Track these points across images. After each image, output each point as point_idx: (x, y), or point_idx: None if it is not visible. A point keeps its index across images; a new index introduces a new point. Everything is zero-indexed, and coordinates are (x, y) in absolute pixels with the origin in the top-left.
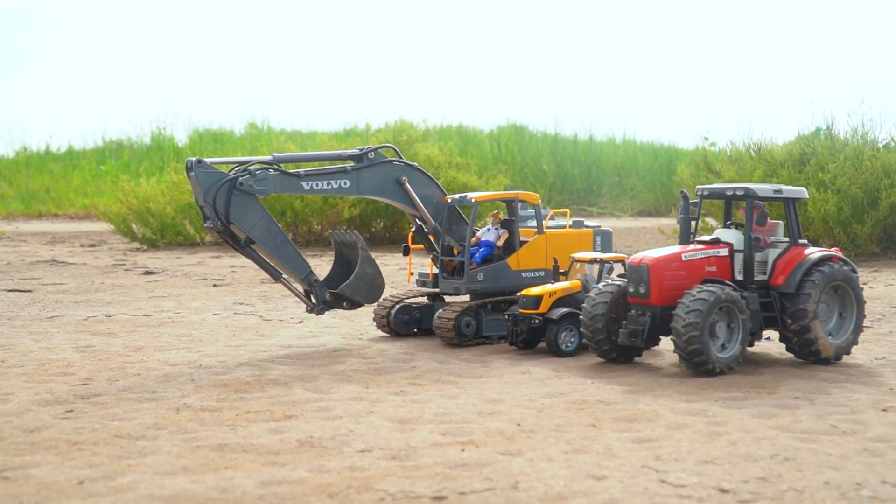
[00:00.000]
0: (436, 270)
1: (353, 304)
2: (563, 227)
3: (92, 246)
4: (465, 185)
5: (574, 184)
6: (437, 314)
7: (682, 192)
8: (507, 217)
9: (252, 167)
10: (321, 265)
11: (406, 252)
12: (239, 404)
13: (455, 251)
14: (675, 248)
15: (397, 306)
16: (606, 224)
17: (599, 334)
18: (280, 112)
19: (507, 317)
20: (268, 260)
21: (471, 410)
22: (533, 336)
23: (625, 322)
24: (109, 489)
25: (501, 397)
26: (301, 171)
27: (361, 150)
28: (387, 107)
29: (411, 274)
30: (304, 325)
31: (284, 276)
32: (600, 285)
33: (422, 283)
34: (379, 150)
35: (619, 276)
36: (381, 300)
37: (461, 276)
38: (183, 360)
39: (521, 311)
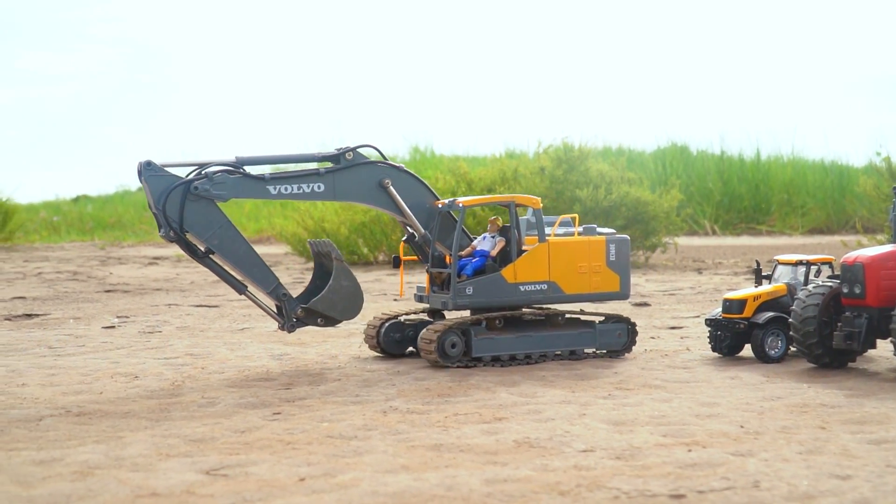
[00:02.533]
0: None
1: (329, 321)
2: (572, 234)
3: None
4: (638, 200)
5: (741, 202)
6: (422, 332)
7: (895, 188)
8: (507, 224)
9: (209, 170)
10: None
11: (396, 263)
12: (445, 407)
13: (448, 261)
14: (891, 247)
15: (388, 324)
16: (778, 242)
17: (811, 338)
18: (442, 137)
19: (708, 323)
20: (230, 272)
21: (687, 413)
22: (737, 342)
23: (839, 324)
24: (332, 486)
25: (716, 401)
26: (267, 174)
27: (340, 150)
28: (547, 130)
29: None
30: None
31: (250, 289)
32: (810, 287)
33: (419, 298)
34: (358, 150)
35: (828, 277)
36: (374, 316)
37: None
38: (379, 367)
39: (724, 315)
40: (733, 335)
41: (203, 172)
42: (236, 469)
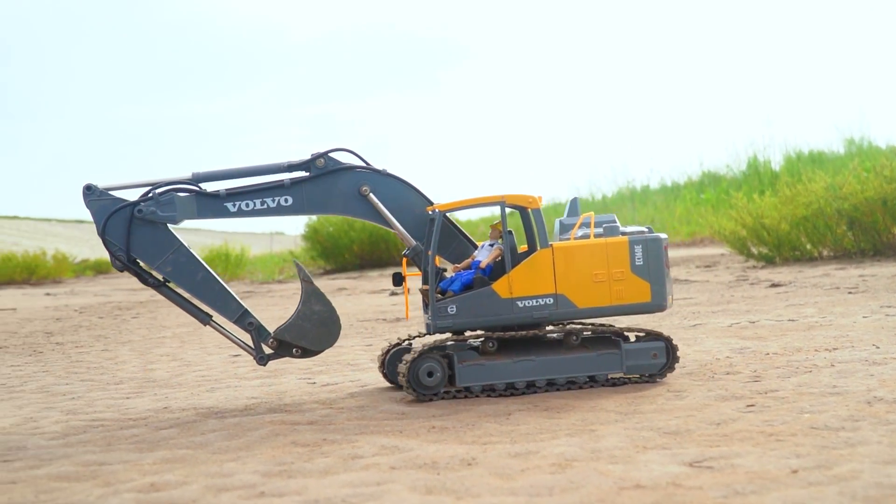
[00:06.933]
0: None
1: (305, 351)
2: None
3: (707, 267)
4: None
5: None
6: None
7: None
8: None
9: (157, 190)
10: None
11: (398, 281)
12: None
13: (446, 274)
14: None
15: (393, 351)
16: None
17: None
18: (880, 125)
19: None
20: (192, 301)
21: None
22: None
23: None
24: (829, 478)
25: None
26: (223, 189)
27: (313, 156)
28: None
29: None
30: None
31: (216, 319)
32: None
33: None
34: (330, 156)
35: None
36: (389, 343)
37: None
38: (852, 358)
39: None
40: None
41: (150, 193)
42: (720, 461)
